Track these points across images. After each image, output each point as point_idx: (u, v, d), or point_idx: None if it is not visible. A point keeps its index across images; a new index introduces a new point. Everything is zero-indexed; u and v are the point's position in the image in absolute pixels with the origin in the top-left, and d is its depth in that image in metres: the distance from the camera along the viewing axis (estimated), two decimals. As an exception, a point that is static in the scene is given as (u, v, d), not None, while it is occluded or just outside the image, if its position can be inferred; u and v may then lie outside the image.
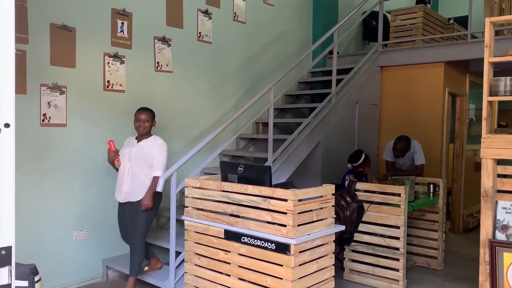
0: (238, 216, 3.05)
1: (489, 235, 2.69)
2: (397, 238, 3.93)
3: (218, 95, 5.32)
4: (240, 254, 3.01)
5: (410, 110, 6.04)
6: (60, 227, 3.92)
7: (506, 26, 5.64)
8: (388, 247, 3.99)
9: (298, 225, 2.77)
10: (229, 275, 3.10)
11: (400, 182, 4.44)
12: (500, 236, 2.67)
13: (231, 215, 3.10)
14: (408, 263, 4.33)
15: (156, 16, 4.63)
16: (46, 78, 3.79)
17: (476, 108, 6.92)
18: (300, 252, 2.79)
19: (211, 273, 3.22)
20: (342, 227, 3.27)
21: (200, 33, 5.08)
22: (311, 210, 2.89)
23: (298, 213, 2.77)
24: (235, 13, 5.53)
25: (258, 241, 2.89)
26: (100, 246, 4.19)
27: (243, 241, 2.98)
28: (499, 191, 2.73)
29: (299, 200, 2.79)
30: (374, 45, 6.50)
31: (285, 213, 2.76)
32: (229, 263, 3.08)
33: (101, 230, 4.17)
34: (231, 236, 3.06)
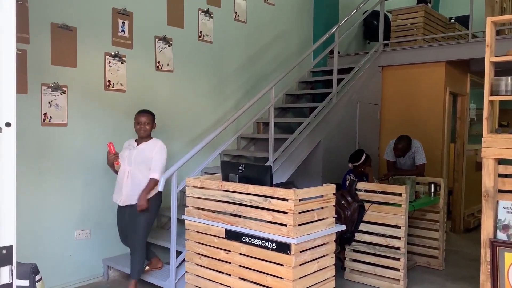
0: (239, 216, 3.05)
1: (490, 235, 2.69)
2: (398, 238, 3.93)
3: (219, 95, 5.32)
4: (241, 254, 3.01)
5: (411, 110, 6.03)
6: (61, 226, 3.92)
7: (507, 26, 5.64)
8: (389, 247, 3.99)
9: (299, 225, 2.77)
10: (230, 275, 3.10)
11: (401, 181, 4.44)
12: (501, 235, 2.67)
13: (232, 214, 3.10)
14: (409, 263, 4.33)
15: (157, 15, 4.63)
16: (47, 78, 3.79)
17: (477, 108, 6.92)
18: (301, 251, 2.79)
19: (212, 273, 3.23)
20: (343, 227, 3.27)
21: (201, 32, 5.08)
22: (312, 210, 2.89)
23: (299, 213, 2.77)
24: (236, 12, 5.52)
25: (259, 240, 2.89)
26: (101, 245, 4.19)
27: (244, 240, 2.98)
28: (500, 190, 2.73)
29: (300, 200, 2.79)
30: (375, 44, 6.50)
31: (286, 213, 2.76)
32: (230, 263, 3.08)
33: (102, 230, 4.17)
34: (232, 235, 3.06)
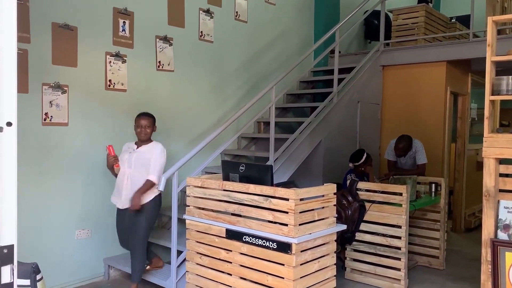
0: (239, 215, 3.05)
1: (491, 235, 2.69)
2: (399, 238, 3.93)
3: (220, 94, 5.32)
4: (241, 253, 3.01)
5: (412, 110, 6.03)
6: (62, 226, 3.93)
7: (508, 25, 5.63)
8: (390, 247, 3.99)
9: (300, 224, 2.77)
10: (231, 274, 3.10)
11: (401, 181, 4.44)
12: (502, 235, 2.66)
13: (233, 214, 3.10)
14: (409, 263, 4.33)
15: (157, 15, 4.63)
16: (48, 77, 3.79)
17: (478, 108, 6.91)
18: (301, 251, 2.79)
19: (212, 272, 3.23)
20: (343, 226, 3.27)
21: (201, 32, 5.08)
22: (313, 209, 2.89)
23: (300, 212, 2.77)
24: (236, 12, 5.52)
25: (259, 240, 2.89)
26: (102, 245, 4.19)
27: (244, 240, 2.98)
28: (501, 190, 2.73)
29: (301, 199, 2.79)
30: (375, 44, 6.49)
31: (287, 212, 2.76)
32: (231, 262, 3.08)
33: (103, 229, 4.17)
34: (233, 235, 3.06)
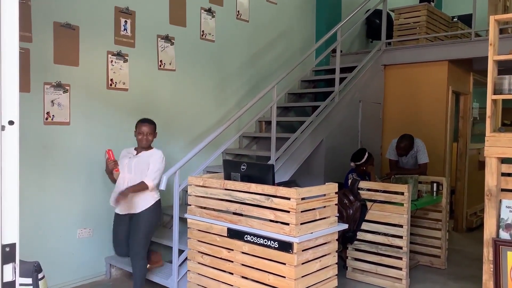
0: (241, 215, 3.05)
1: (492, 234, 2.68)
2: (400, 237, 3.92)
3: (221, 94, 5.32)
4: (243, 253, 3.02)
5: (414, 109, 6.02)
6: (64, 225, 3.93)
7: (510, 24, 5.61)
8: (391, 246, 3.98)
9: (301, 224, 2.77)
10: (232, 273, 3.10)
11: (403, 180, 4.43)
12: (504, 235, 2.66)
13: (234, 213, 3.10)
14: (411, 262, 4.32)
15: (159, 14, 4.63)
16: (49, 77, 3.80)
17: (480, 107, 6.89)
18: (303, 250, 2.79)
19: (214, 271, 3.23)
20: (345, 226, 3.27)
21: (203, 31, 5.08)
22: (314, 209, 2.89)
23: (301, 212, 2.77)
24: (238, 11, 5.52)
25: (261, 239, 2.90)
26: (103, 244, 4.20)
27: (246, 239, 2.99)
28: (503, 190, 2.72)
29: (302, 199, 2.79)
30: (377, 43, 6.48)
31: (288, 212, 2.76)
32: (232, 261, 3.09)
33: (104, 228, 4.18)
34: (234, 234, 3.06)
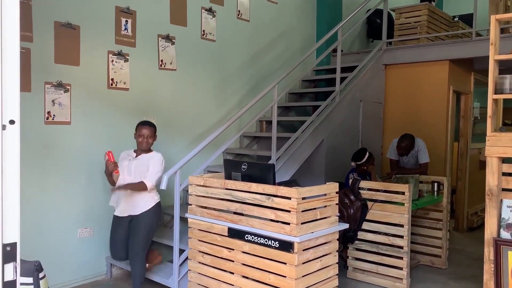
0: (241, 214, 3.05)
1: (493, 234, 2.68)
2: (401, 237, 3.92)
3: (222, 93, 5.32)
4: (243, 252, 3.02)
5: (414, 108, 6.01)
6: (64, 224, 3.94)
7: (511, 24, 5.60)
8: (392, 246, 3.98)
9: (302, 223, 2.77)
10: (233, 273, 3.10)
11: (404, 180, 4.43)
12: (505, 234, 2.66)
13: (235, 213, 3.10)
14: (412, 262, 4.32)
15: (160, 14, 4.63)
16: (50, 76, 3.80)
17: (480, 107, 6.89)
18: (303, 250, 2.80)
19: (214, 271, 3.23)
20: (345, 225, 3.27)
21: (204, 31, 5.08)
22: (315, 208, 2.89)
23: (302, 211, 2.77)
24: (239, 11, 5.52)
25: (261, 239, 2.90)
26: (104, 243, 4.19)
27: (246, 239, 2.99)
28: (504, 189, 2.72)
29: (303, 198, 2.79)
30: (378, 43, 6.48)
31: (289, 211, 2.76)
32: (233, 261, 3.09)
33: (105, 228, 4.17)
34: (235, 234, 3.06)
